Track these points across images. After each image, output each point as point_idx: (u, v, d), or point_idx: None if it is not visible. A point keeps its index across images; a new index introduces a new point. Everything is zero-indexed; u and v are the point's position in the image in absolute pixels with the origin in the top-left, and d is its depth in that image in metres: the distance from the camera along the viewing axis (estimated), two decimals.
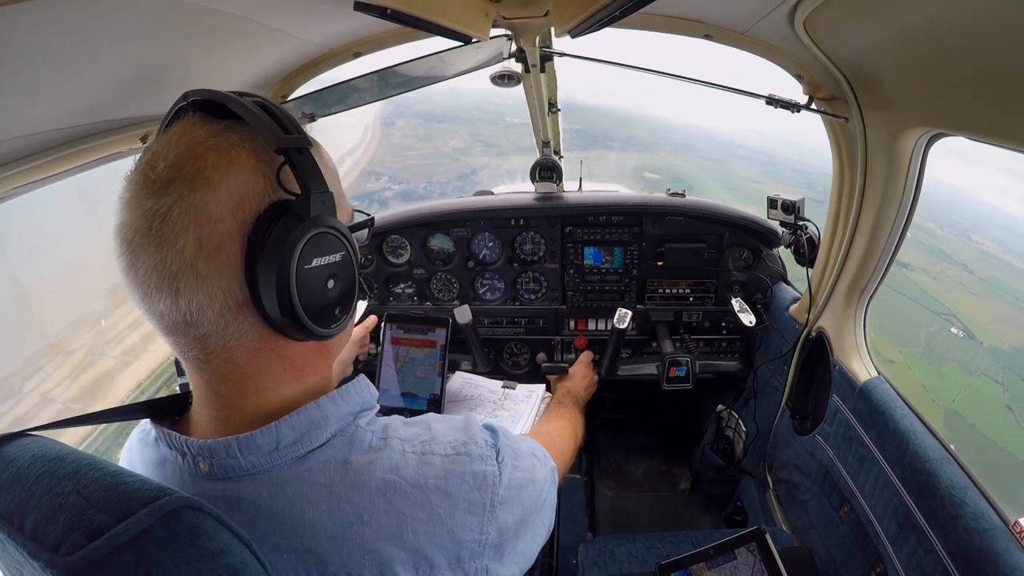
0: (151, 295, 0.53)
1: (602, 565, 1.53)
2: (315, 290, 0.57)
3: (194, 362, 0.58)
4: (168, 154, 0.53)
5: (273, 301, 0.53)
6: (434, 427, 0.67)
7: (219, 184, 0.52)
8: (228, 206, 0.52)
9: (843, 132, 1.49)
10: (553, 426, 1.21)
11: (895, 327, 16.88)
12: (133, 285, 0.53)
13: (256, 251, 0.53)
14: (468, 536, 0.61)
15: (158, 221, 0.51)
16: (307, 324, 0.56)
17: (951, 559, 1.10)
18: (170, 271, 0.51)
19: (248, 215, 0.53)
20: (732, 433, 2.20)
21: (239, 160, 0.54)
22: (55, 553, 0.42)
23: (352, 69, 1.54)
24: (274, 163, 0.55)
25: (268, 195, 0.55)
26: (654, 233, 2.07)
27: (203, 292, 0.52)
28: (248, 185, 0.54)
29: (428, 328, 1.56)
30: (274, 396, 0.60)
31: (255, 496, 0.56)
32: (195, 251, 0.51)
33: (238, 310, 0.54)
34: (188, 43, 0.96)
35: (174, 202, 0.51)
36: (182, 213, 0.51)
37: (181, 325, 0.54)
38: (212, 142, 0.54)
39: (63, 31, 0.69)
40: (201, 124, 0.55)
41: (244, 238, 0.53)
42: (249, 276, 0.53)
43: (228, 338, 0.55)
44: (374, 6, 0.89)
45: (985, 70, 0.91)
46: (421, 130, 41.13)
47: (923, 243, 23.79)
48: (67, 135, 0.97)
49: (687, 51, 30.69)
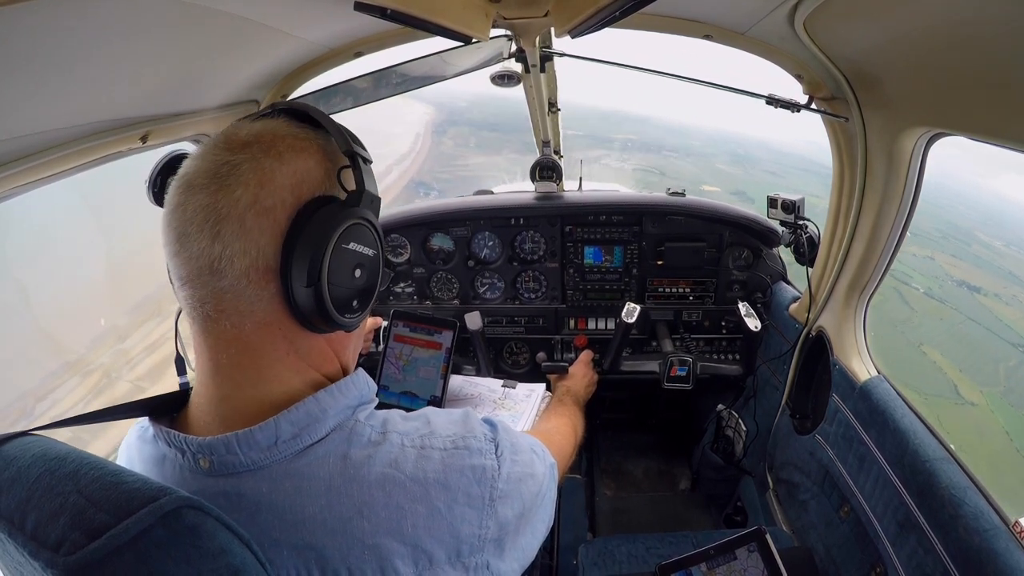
0: (190, 234, 0.55)
1: (602, 565, 1.53)
2: (343, 270, 0.60)
3: (203, 321, 0.58)
4: (252, 128, 0.60)
5: (303, 269, 0.56)
6: (433, 421, 0.67)
7: (288, 160, 0.58)
8: (290, 180, 0.58)
9: (843, 132, 1.49)
10: (553, 424, 1.21)
11: (970, 361, 16.48)
12: (175, 225, 0.56)
13: (302, 224, 0.57)
14: (468, 530, 0.61)
15: (226, 169, 0.56)
16: (326, 300, 0.58)
17: (951, 559, 1.10)
18: (219, 213, 0.54)
19: (304, 194, 0.58)
20: (732, 433, 2.20)
21: (310, 150, 0.61)
22: (55, 553, 0.42)
23: (352, 69, 1.54)
24: (337, 164, 0.63)
25: (325, 186, 0.61)
26: (654, 232, 2.07)
27: (240, 243, 0.55)
28: (312, 172, 0.60)
29: (435, 329, 1.55)
30: (274, 385, 0.60)
31: (255, 492, 0.56)
32: (248, 204, 0.55)
33: (264, 272, 0.56)
34: (188, 43, 0.96)
35: (246, 159, 0.56)
36: (250, 170, 0.56)
37: (206, 272, 0.55)
38: (292, 131, 0.61)
39: (63, 31, 0.69)
40: (284, 122, 0.63)
41: (295, 210, 0.57)
42: (287, 245, 0.56)
43: (243, 300, 0.57)
44: (374, 6, 0.89)
45: (985, 70, 0.91)
46: (472, 139, 40.85)
47: (992, 264, 23.34)
48: (67, 135, 0.97)
49: (687, 51, 30.32)
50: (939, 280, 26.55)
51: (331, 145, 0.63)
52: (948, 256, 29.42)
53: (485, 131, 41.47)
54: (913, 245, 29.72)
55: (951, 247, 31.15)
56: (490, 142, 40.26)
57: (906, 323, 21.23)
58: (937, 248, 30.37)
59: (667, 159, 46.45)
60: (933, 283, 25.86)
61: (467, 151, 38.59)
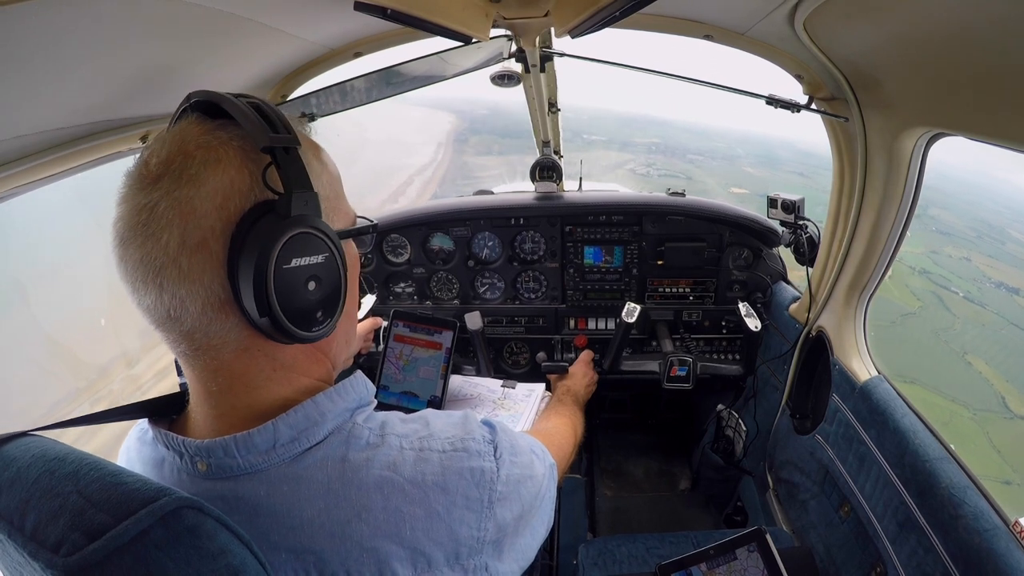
0: (139, 289, 0.54)
1: (602, 565, 1.53)
2: (294, 291, 0.55)
3: (184, 357, 0.58)
4: (161, 151, 0.54)
5: (251, 300, 0.53)
6: (432, 423, 0.67)
7: (205, 181, 0.53)
8: (213, 203, 0.52)
9: (843, 132, 1.49)
10: (552, 424, 1.21)
11: (1016, 370, 15.42)
12: (124, 279, 0.55)
13: (238, 249, 0.52)
14: (466, 533, 0.61)
15: (145, 215, 0.52)
16: (285, 325, 0.54)
17: (951, 559, 1.10)
18: (154, 265, 0.52)
19: (232, 213, 0.53)
20: (732, 433, 2.20)
21: (226, 158, 0.54)
22: (55, 553, 0.42)
23: (352, 69, 1.54)
24: (262, 162, 0.55)
25: (255, 194, 0.55)
26: (654, 232, 2.07)
27: (185, 288, 0.52)
28: (234, 183, 0.54)
29: (435, 329, 1.55)
30: (266, 395, 0.60)
31: (253, 495, 0.56)
32: (178, 246, 0.52)
33: (220, 308, 0.54)
34: (188, 43, 0.96)
35: (161, 197, 0.52)
36: (167, 208, 0.52)
37: (166, 320, 0.54)
38: (202, 140, 0.55)
39: (63, 31, 0.69)
40: (196, 123, 0.56)
41: (228, 236, 0.53)
42: (231, 274, 0.53)
43: (212, 336, 0.55)
44: (374, 6, 0.89)
45: (985, 70, 0.91)
46: (495, 146, 40.39)
47: None
48: (67, 135, 0.97)
49: (687, 51, 30.25)
50: (977, 283, 25.63)
51: (251, 141, 0.56)
52: (984, 257, 28.43)
53: (508, 138, 41.18)
54: (948, 246, 28.90)
55: (987, 247, 30.11)
56: (513, 149, 40.08)
57: (948, 331, 20.39)
58: (973, 248, 29.30)
59: (693, 163, 45.99)
60: (972, 286, 25.00)
61: (489, 158, 38.29)
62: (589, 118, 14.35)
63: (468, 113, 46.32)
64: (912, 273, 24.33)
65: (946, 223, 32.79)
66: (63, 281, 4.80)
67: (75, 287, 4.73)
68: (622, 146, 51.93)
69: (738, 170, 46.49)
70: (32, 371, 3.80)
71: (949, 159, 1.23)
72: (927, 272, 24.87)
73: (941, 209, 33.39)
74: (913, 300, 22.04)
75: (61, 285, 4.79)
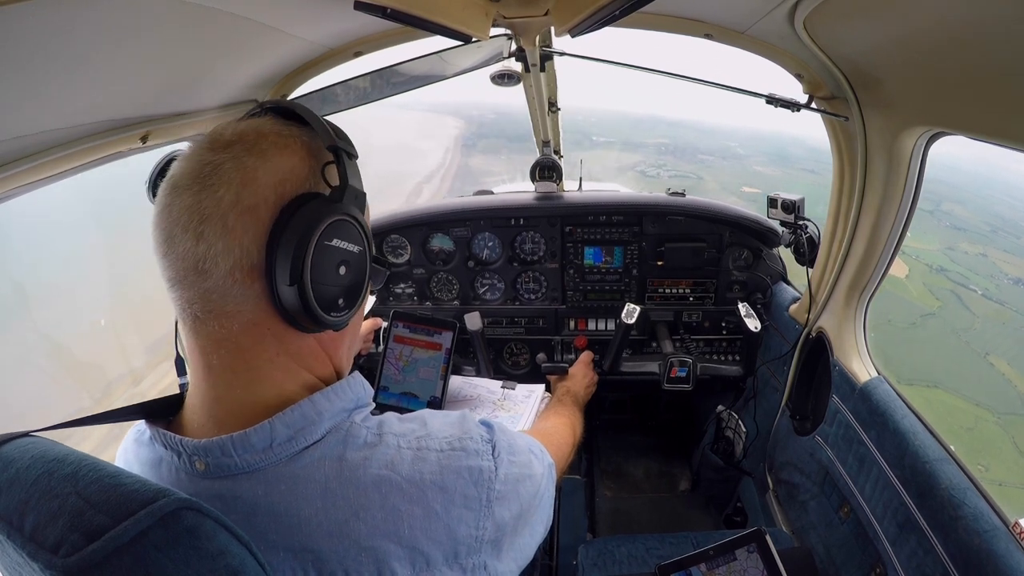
0: (176, 235, 0.55)
1: (602, 566, 1.53)
2: (327, 267, 0.59)
3: (192, 322, 0.58)
4: (237, 128, 0.60)
5: (286, 266, 0.55)
6: (429, 423, 0.67)
7: (271, 158, 0.58)
8: (273, 178, 0.57)
9: (843, 131, 1.49)
10: (551, 424, 1.21)
11: None
12: (163, 226, 0.56)
13: (285, 222, 0.56)
14: (465, 532, 0.61)
15: (208, 169, 0.56)
16: (310, 298, 0.57)
17: (951, 560, 1.10)
18: (202, 213, 0.54)
19: (287, 192, 0.58)
20: (732, 434, 2.20)
21: (294, 147, 0.60)
22: (54, 554, 0.42)
23: (352, 69, 1.54)
24: (322, 160, 0.62)
25: (309, 183, 0.60)
26: (654, 233, 2.07)
27: (223, 242, 0.55)
28: (295, 169, 0.59)
29: (435, 330, 1.55)
30: (265, 383, 0.60)
31: (251, 494, 0.56)
32: (231, 203, 0.55)
33: (249, 271, 0.56)
34: (188, 43, 0.96)
35: (228, 158, 0.56)
36: (232, 168, 0.56)
37: (192, 273, 0.55)
38: (276, 129, 0.61)
39: (63, 31, 0.69)
40: (270, 119, 0.63)
41: (278, 208, 0.57)
42: (270, 243, 0.56)
43: (230, 300, 0.56)
44: (374, 5, 0.89)
45: (985, 70, 0.91)
46: (503, 150, 40.31)
47: None
48: (67, 135, 0.97)
49: (688, 50, 30.23)
50: (995, 279, 25.13)
51: (316, 142, 0.62)
52: (1001, 252, 27.84)
53: (516, 142, 41.22)
54: (964, 242, 28.31)
55: (1003, 241, 29.58)
56: (523, 152, 40.17)
57: (969, 331, 19.96)
58: (989, 244, 28.68)
59: (703, 163, 45.55)
60: (990, 284, 24.53)
61: (497, 163, 38.16)
62: (598, 120, 14.33)
63: (476, 117, 45.86)
64: (930, 271, 23.90)
65: (960, 218, 32.05)
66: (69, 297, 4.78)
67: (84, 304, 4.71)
68: (633, 147, 51.42)
69: (749, 169, 46.01)
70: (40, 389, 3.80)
71: (956, 151, 1.22)
72: (944, 270, 24.45)
73: (955, 204, 32.79)
74: (932, 300, 21.70)
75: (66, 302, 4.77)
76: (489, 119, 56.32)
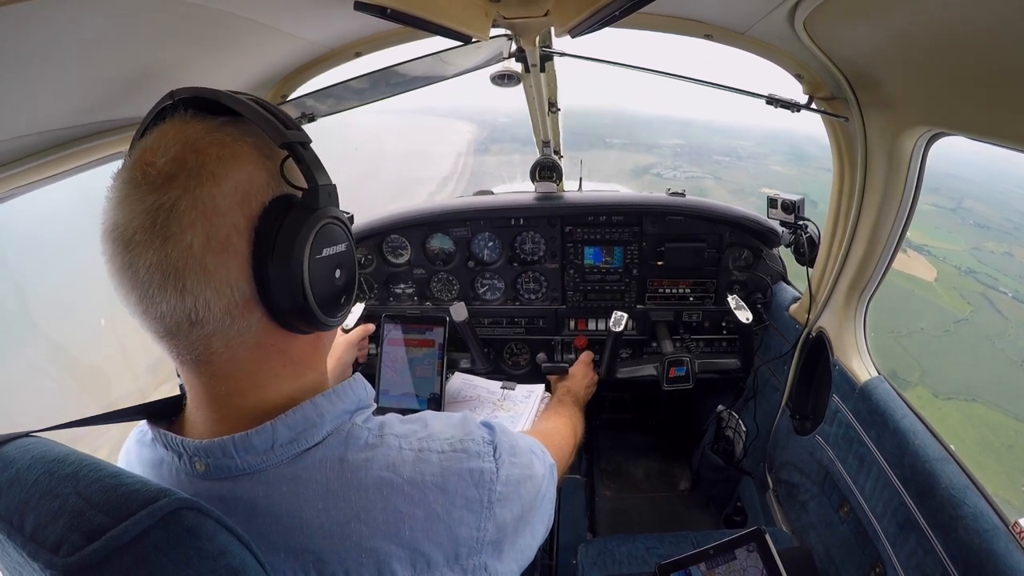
0: (152, 295, 0.51)
1: (602, 565, 1.53)
2: (325, 280, 0.58)
3: (193, 364, 0.57)
4: (167, 149, 0.52)
5: (285, 293, 0.54)
6: (431, 424, 0.67)
7: (224, 178, 0.52)
8: (234, 199, 0.52)
9: (843, 132, 1.49)
10: (552, 424, 1.21)
11: None
12: (130, 286, 0.51)
13: (265, 244, 0.53)
14: (466, 533, 0.61)
15: (163, 216, 0.49)
16: (318, 314, 0.57)
17: (951, 560, 1.10)
18: (176, 268, 0.50)
19: (254, 209, 0.53)
20: (732, 433, 2.20)
21: (241, 153, 0.54)
22: (54, 554, 0.42)
23: (352, 69, 1.54)
24: (276, 158, 0.56)
25: (272, 189, 0.55)
26: (654, 233, 2.07)
27: (210, 288, 0.51)
28: (252, 179, 0.54)
29: (426, 327, 1.56)
30: (272, 394, 0.60)
31: (252, 495, 0.56)
32: (202, 246, 0.50)
33: (244, 305, 0.54)
34: (188, 43, 0.96)
35: (180, 196, 0.50)
36: (189, 207, 0.50)
37: (184, 325, 0.52)
38: (213, 137, 0.53)
39: (62, 31, 0.69)
40: (196, 121, 0.55)
41: (251, 232, 0.53)
42: (257, 270, 0.53)
43: (232, 336, 0.55)
44: (374, 6, 0.89)
45: (985, 70, 0.91)
46: (516, 155, 39.88)
47: None
48: (67, 135, 0.97)
49: (688, 50, 30.16)
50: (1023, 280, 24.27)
51: (261, 137, 0.56)
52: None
53: (529, 145, 41.44)
54: (989, 241, 27.66)
55: None
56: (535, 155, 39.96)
57: (1002, 336, 19.20)
58: (1013, 242, 27.73)
59: (719, 164, 45.02)
60: (1019, 285, 23.59)
61: (511, 168, 37.94)
62: (613, 123, 14.10)
63: (489, 122, 45.45)
64: (959, 274, 23.23)
65: (981, 215, 31.21)
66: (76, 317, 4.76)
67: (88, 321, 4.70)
68: (646, 149, 50.88)
69: (766, 169, 45.23)
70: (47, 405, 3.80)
71: (966, 145, 1.21)
72: (973, 271, 23.77)
73: (975, 201, 32.00)
74: (964, 304, 21.11)
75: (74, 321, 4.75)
76: (501, 123, 56.11)
